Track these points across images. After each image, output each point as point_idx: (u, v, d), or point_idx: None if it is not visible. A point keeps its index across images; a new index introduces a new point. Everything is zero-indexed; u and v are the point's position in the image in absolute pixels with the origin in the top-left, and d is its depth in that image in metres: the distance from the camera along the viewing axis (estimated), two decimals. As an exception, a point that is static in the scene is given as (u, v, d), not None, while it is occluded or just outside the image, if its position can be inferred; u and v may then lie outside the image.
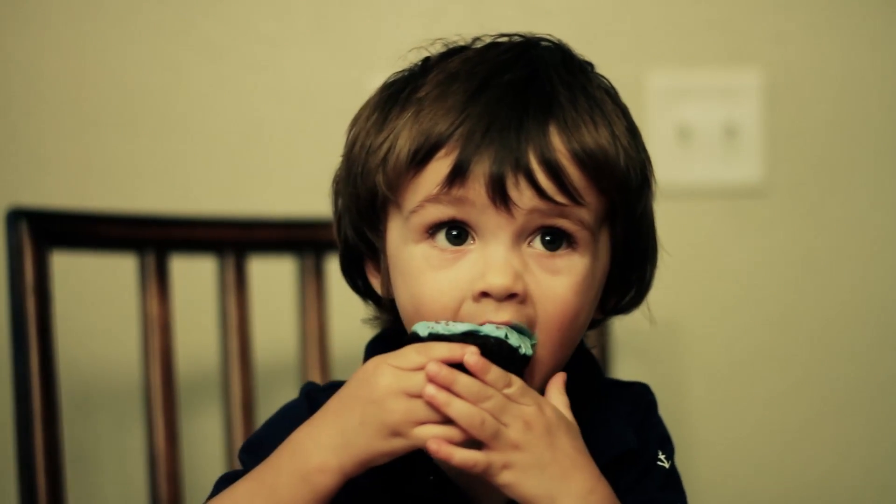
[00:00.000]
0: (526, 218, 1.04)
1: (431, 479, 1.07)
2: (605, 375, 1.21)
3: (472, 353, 1.00)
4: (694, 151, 1.85)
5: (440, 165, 1.04)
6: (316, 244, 1.66)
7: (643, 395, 1.16)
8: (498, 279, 1.03)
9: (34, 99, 1.78)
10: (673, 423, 1.19)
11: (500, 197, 1.03)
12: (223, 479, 1.09)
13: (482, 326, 1.02)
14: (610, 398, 1.14)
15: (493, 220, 1.04)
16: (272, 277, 1.72)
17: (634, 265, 1.12)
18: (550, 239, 1.05)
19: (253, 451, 1.10)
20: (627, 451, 1.10)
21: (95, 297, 1.78)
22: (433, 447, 0.98)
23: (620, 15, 1.84)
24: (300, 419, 1.06)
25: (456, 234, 1.05)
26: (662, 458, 1.12)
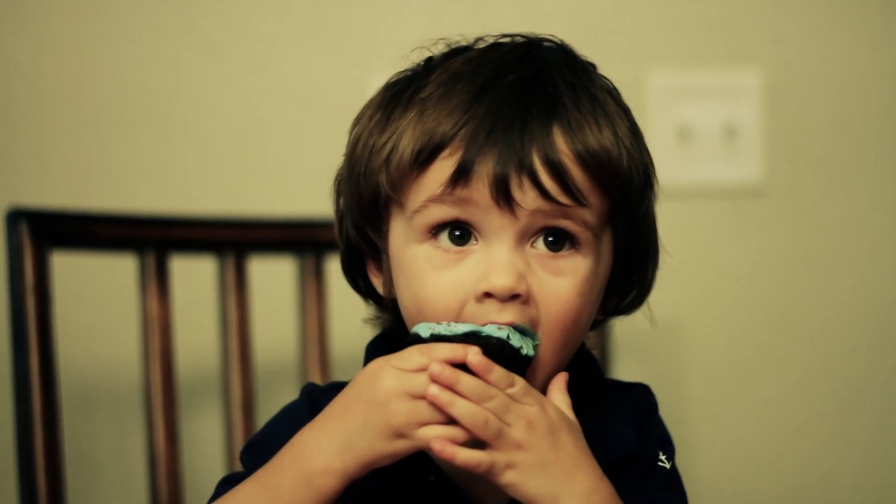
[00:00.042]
0: (529, 218, 1.04)
1: (432, 479, 1.07)
2: (605, 376, 1.21)
3: (474, 352, 1.00)
4: (694, 151, 1.85)
5: (444, 165, 1.04)
6: (316, 244, 1.66)
7: (644, 395, 1.16)
8: (501, 280, 1.03)
9: (34, 99, 1.78)
10: (673, 423, 1.19)
11: (503, 197, 1.03)
12: (225, 480, 1.09)
13: (484, 327, 1.02)
14: (611, 399, 1.13)
15: (496, 220, 1.04)
16: (272, 277, 1.71)
17: (636, 266, 1.12)
18: (553, 240, 1.05)
19: (254, 452, 1.10)
20: (629, 452, 1.10)
21: (95, 297, 1.78)
22: (437, 447, 0.98)
23: (620, 15, 1.84)
24: (301, 420, 1.06)
25: (459, 234, 1.05)
26: (663, 458, 1.12)
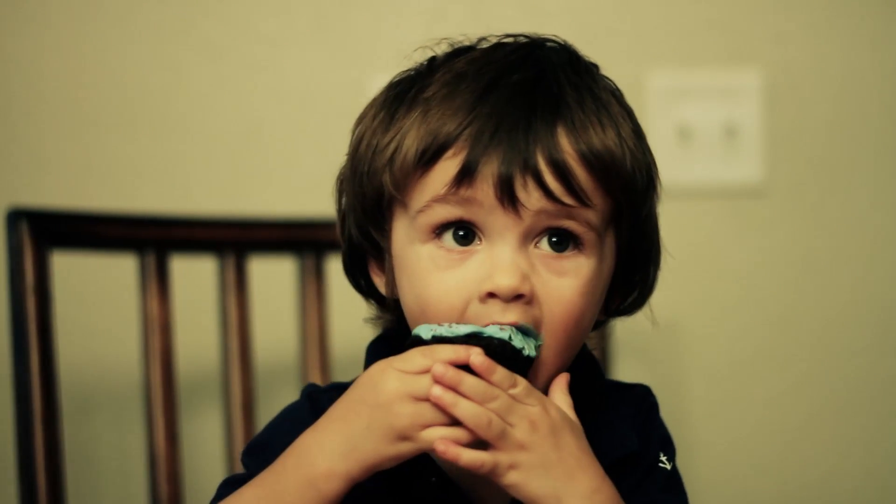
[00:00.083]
0: (533, 219, 1.04)
1: (434, 480, 1.07)
2: (606, 377, 1.21)
3: (477, 353, 1.00)
4: (694, 151, 1.85)
5: (448, 165, 1.04)
6: (316, 244, 1.66)
7: (645, 397, 1.16)
8: (505, 280, 1.03)
9: (34, 99, 1.78)
10: (673, 423, 1.20)
11: (508, 198, 1.03)
12: (226, 482, 1.09)
13: (485, 328, 1.02)
14: (612, 400, 1.14)
15: (500, 220, 1.04)
16: (272, 277, 1.71)
17: (638, 267, 1.12)
18: (557, 240, 1.05)
19: (255, 454, 1.09)
20: (630, 453, 1.10)
21: (95, 297, 1.78)
22: (441, 448, 0.98)
23: (620, 15, 1.84)
24: (302, 421, 1.06)
25: (463, 234, 1.05)
26: (664, 459, 1.12)
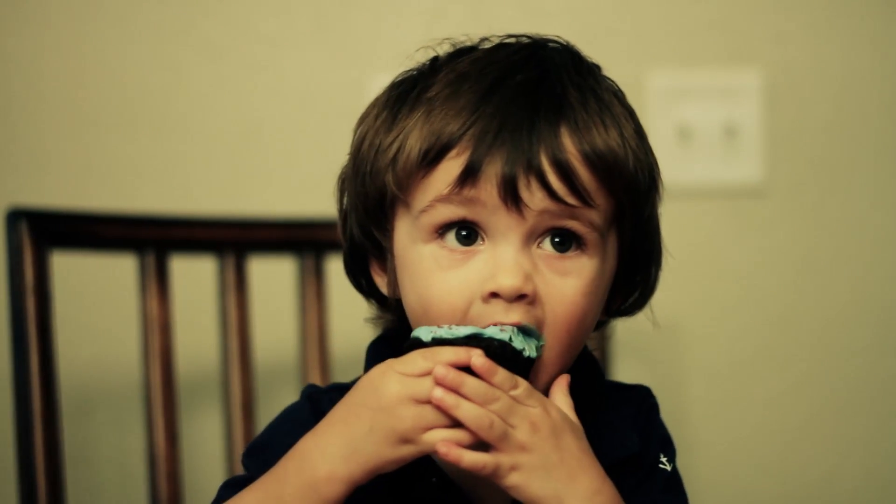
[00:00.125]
0: (536, 219, 1.04)
1: (434, 480, 1.07)
2: (606, 378, 1.21)
3: (478, 355, 1.00)
4: (694, 151, 1.85)
5: (451, 165, 1.04)
6: (316, 244, 1.66)
7: (645, 398, 1.16)
8: (508, 280, 1.03)
9: (34, 99, 1.78)
10: (673, 423, 1.20)
11: (511, 198, 1.03)
12: (227, 484, 1.09)
13: (486, 329, 1.02)
14: (613, 401, 1.14)
15: (503, 220, 1.04)
16: (272, 277, 1.71)
17: (640, 267, 1.12)
18: (560, 240, 1.05)
19: (256, 455, 1.09)
20: (630, 454, 1.10)
21: (95, 297, 1.78)
22: (443, 450, 0.98)
23: (620, 15, 1.84)
24: (303, 422, 1.06)
25: (465, 234, 1.05)
26: (664, 460, 1.12)
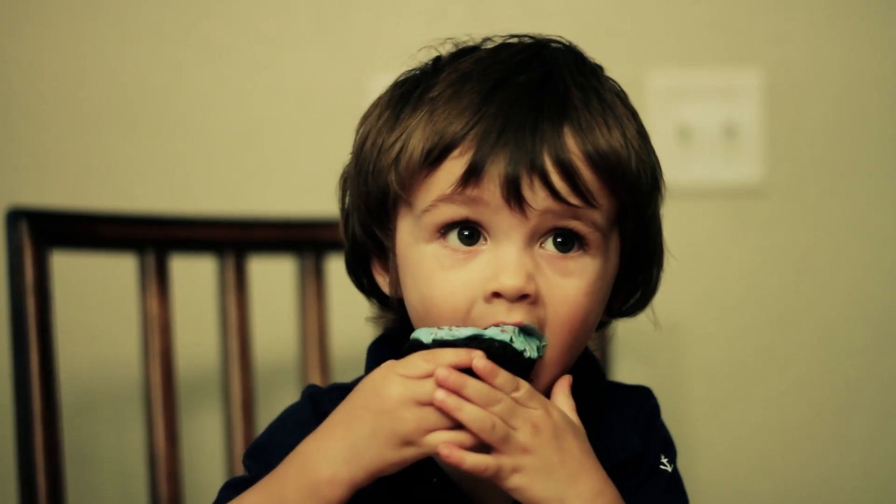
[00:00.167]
0: (539, 219, 1.04)
1: (435, 481, 1.07)
2: (607, 378, 1.21)
3: (480, 357, 1.00)
4: (694, 151, 1.85)
5: (454, 165, 1.04)
6: (316, 244, 1.66)
7: (647, 399, 1.16)
8: (511, 280, 1.03)
9: (34, 99, 1.78)
10: (673, 423, 1.20)
11: (514, 198, 1.03)
12: (228, 485, 1.09)
13: (486, 330, 1.02)
14: (614, 402, 1.14)
15: (506, 220, 1.04)
16: (272, 277, 1.71)
17: (641, 268, 1.12)
18: (562, 241, 1.05)
19: (257, 456, 1.09)
20: (631, 455, 1.10)
21: (95, 297, 1.78)
22: (445, 453, 0.98)
23: (620, 15, 1.84)
24: (304, 422, 1.06)
25: (468, 234, 1.05)
26: (665, 462, 1.12)
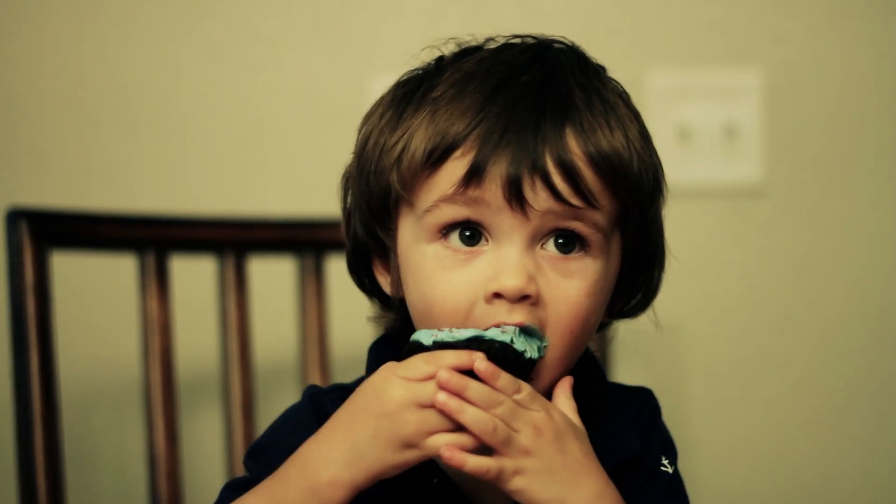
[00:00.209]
0: (541, 220, 1.04)
1: (436, 482, 1.07)
2: (607, 379, 1.21)
3: (481, 359, 1.00)
4: (694, 151, 1.85)
5: (456, 165, 1.04)
6: (316, 244, 1.66)
7: (647, 400, 1.16)
8: (512, 280, 1.03)
9: (34, 99, 1.78)
10: (673, 423, 1.20)
11: (516, 198, 1.03)
12: (229, 486, 1.09)
13: (486, 331, 1.02)
14: (615, 403, 1.14)
15: (507, 221, 1.04)
16: (272, 277, 1.71)
17: (643, 269, 1.12)
18: (564, 242, 1.05)
19: (258, 456, 1.09)
20: (632, 457, 1.10)
21: (95, 297, 1.78)
22: (447, 455, 0.98)
23: (620, 15, 1.84)
24: (305, 423, 1.06)
25: (469, 234, 1.05)
26: (666, 463, 1.12)
